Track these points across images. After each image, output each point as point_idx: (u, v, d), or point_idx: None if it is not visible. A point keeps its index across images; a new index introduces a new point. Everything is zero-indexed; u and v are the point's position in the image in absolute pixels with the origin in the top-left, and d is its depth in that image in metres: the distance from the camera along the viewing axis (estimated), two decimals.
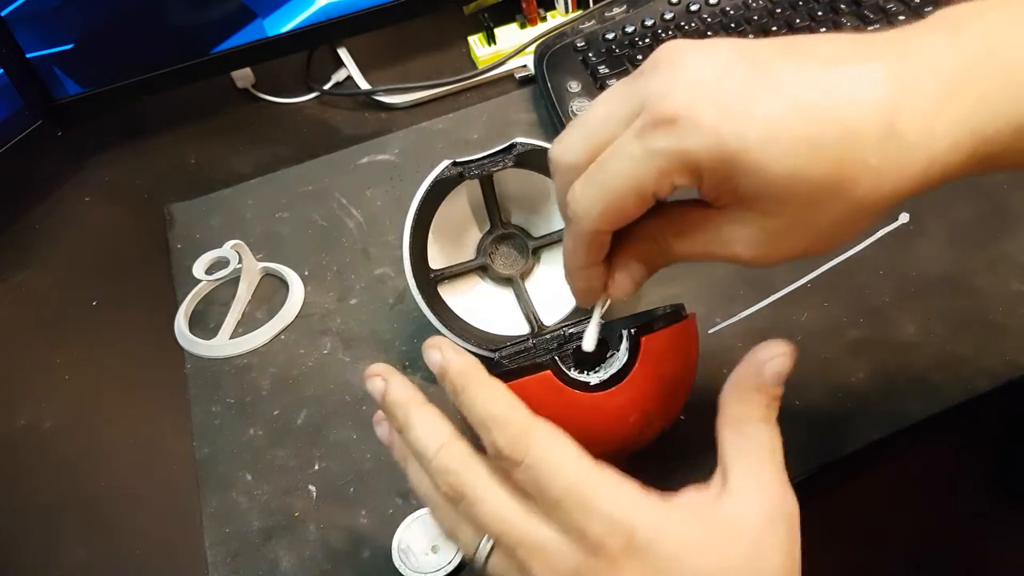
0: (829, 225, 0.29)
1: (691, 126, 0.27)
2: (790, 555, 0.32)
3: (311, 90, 0.78)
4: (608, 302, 0.37)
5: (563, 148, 0.32)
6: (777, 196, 0.28)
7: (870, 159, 0.27)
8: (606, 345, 0.39)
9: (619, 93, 0.30)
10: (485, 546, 0.33)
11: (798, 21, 0.66)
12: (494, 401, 0.32)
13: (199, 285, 0.60)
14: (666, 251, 0.33)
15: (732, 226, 0.30)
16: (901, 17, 0.64)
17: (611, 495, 0.31)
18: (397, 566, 0.44)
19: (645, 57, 0.66)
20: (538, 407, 0.35)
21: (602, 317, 0.37)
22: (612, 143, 0.30)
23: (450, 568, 0.43)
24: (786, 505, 0.32)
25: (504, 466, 0.32)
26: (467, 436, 0.34)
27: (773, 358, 0.33)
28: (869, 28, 0.64)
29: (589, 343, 0.37)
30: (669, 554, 0.30)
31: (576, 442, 0.32)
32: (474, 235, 0.54)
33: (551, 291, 0.52)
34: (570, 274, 0.35)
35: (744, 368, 0.34)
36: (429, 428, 0.34)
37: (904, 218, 0.57)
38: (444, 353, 0.34)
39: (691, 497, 0.32)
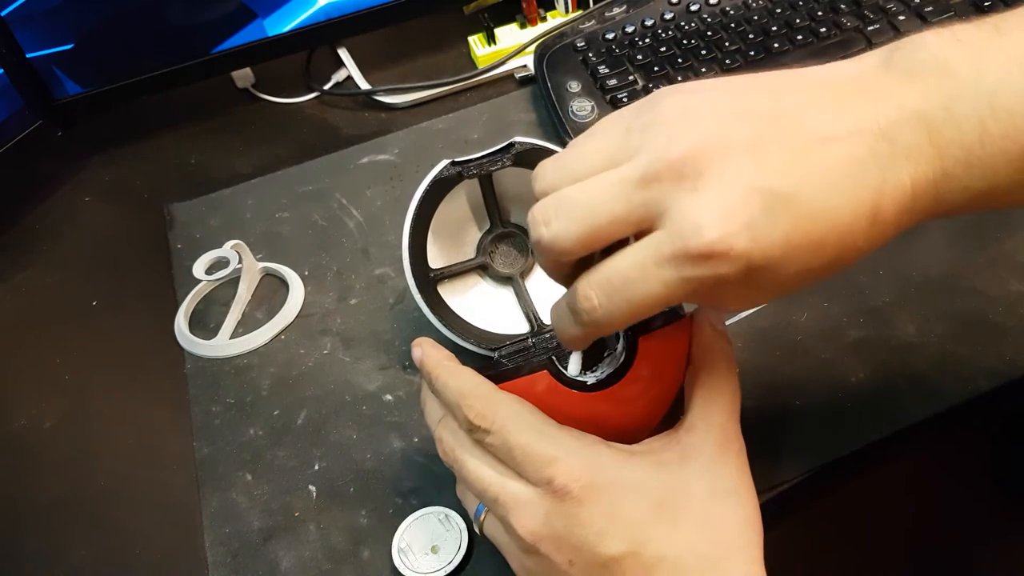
0: (812, 284, 0.32)
1: (729, 258, 0.29)
2: (743, 480, 0.36)
3: (311, 90, 0.78)
4: None
5: (555, 234, 0.32)
6: (782, 283, 0.31)
7: (859, 243, 0.31)
8: (603, 344, 0.39)
9: (627, 195, 0.31)
10: (481, 510, 0.38)
11: (798, 21, 0.66)
12: (462, 383, 0.37)
13: (199, 285, 0.60)
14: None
15: (730, 294, 0.32)
16: (901, 17, 0.64)
17: (571, 445, 0.35)
18: (397, 566, 0.44)
19: (644, 58, 0.67)
20: (536, 406, 0.36)
21: None
22: (614, 238, 0.32)
23: (450, 568, 0.43)
24: (735, 441, 0.37)
25: (477, 437, 0.36)
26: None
27: (710, 311, 0.39)
28: (869, 28, 0.64)
29: (574, 367, 0.40)
30: (630, 484, 0.34)
31: (539, 409, 0.36)
32: (474, 234, 0.54)
33: (551, 290, 0.52)
34: (570, 344, 0.36)
35: (698, 325, 0.39)
36: (431, 406, 0.40)
37: None
38: (423, 348, 0.40)
39: (650, 443, 0.37)
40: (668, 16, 0.69)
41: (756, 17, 0.67)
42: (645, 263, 0.30)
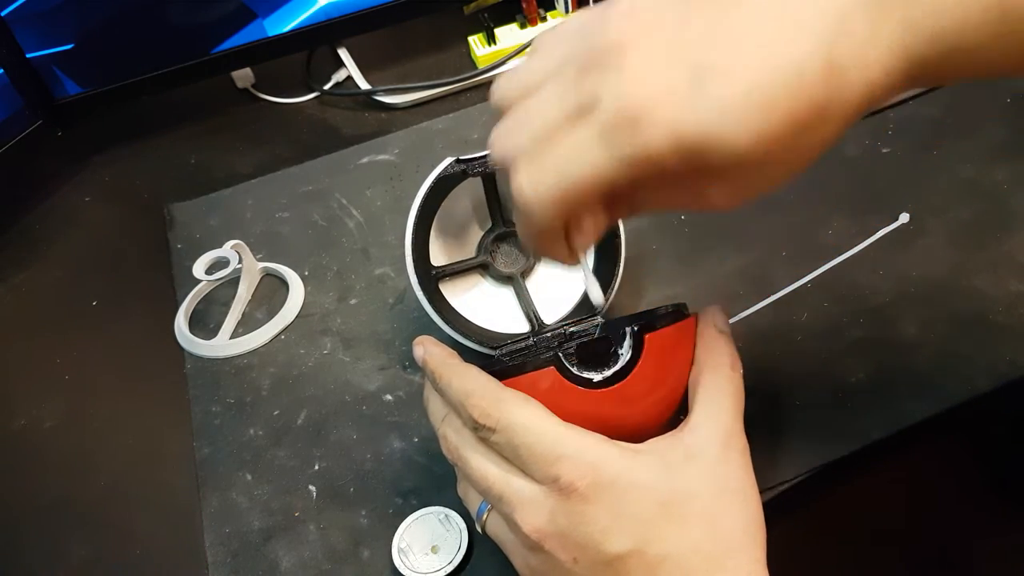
0: (792, 164, 0.30)
1: (650, 124, 0.28)
2: (747, 480, 0.36)
3: (311, 90, 0.78)
4: (591, 253, 0.37)
5: (502, 137, 0.32)
6: (740, 160, 0.29)
7: (816, 98, 0.28)
8: (609, 343, 0.39)
9: (566, 92, 0.30)
10: (484, 508, 0.38)
11: None
12: (467, 381, 0.37)
13: (199, 285, 0.60)
14: (631, 204, 0.33)
15: (704, 188, 0.31)
16: None
17: (577, 443, 0.35)
18: (397, 566, 0.44)
19: None
20: (541, 403, 0.36)
21: (603, 316, 0.37)
22: (557, 134, 0.30)
23: (450, 568, 0.43)
24: (739, 440, 0.37)
25: (482, 435, 0.36)
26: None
27: (716, 312, 0.40)
28: None
29: (596, 297, 0.39)
30: (635, 483, 0.34)
31: (543, 406, 0.36)
32: (475, 233, 0.54)
33: (551, 290, 0.52)
34: (540, 252, 0.35)
35: (702, 326, 0.40)
36: (435, 404, 0.40)
37: (904, 218, 0.57)
38: (426, 347, 0.39)
39: (655, 442, 0.37)
40: None
41: None
42: (578, 138, 0.29)
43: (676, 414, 0.40)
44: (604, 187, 0.30)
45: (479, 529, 0.39)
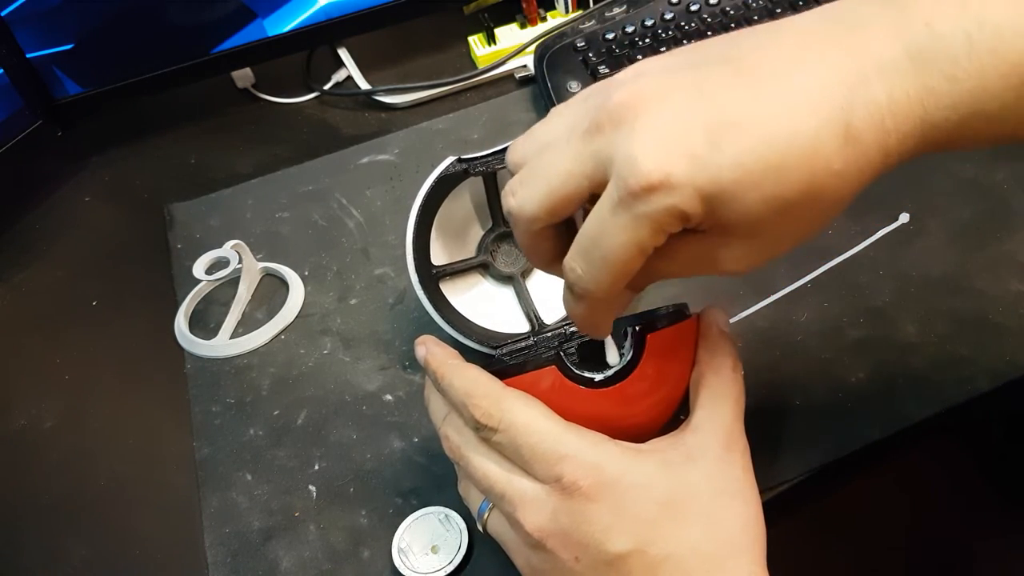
0: (805, 228, 0.31)
1: (670, 187, 0.28)
2: (747, 481, 0.36)
3: (311, 90, 0.78)
4: None
5: (520, 201, 0.32)
6: (756, 218, 0.29)
7: (833, 165, 0.28)
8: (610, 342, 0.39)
9: (577, 151, 0.31)
10: (485, 507, 0.38)
11: None
12: (468, 381, 0.37)
13: (199, 285, 0.60)
14: (652, 275, 0.34)
15: (716, 249, 0.32)
16: None
17: (579, 443, 0.35)
18: (397, 566, 0.44)
19: (644, 58, 0.66)
20: (542, 402, 0.36)
21: None
22: (575, 199, 0.31)
23: (450, 568, 0.43)
24: (740, 441, 0.37)
25: (484, 435, 0.36)
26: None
27: (717, 312, 0.40)
28: None
29: (612, 357, 0.39)
30: (637, 483, 0.34)
31: (545, 405, 0.36)
32: (476, 233, 0.54)
33: (552, 290, 0.52)
34: (584, 327, 0.36)
35: (704, 326, 0.40)
36: (436, 404, 0.40)
37: (904, 218, 0.57)
38: (427, 347, 0.40)
39: (656, 443, 0.37)
40: (668, 16, 0.69)
41: (756, 17, 0.67)
42: (602, 215, 0.30)
43: (677, 414, 0.40)
44: (639, 251, 0.30)
45: (480, 528, 0.39)
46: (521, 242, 0.35)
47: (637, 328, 0.38)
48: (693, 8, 0.69)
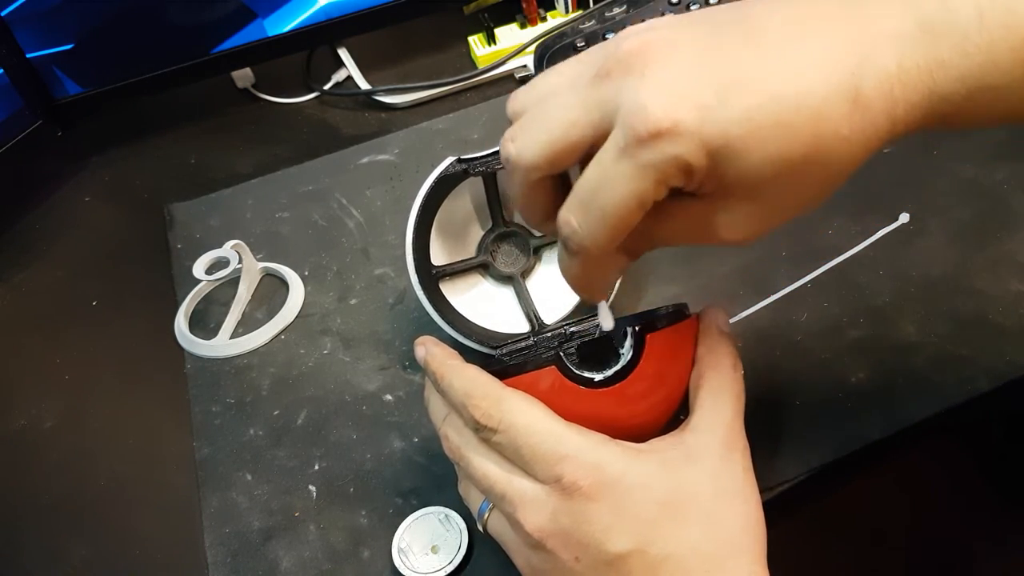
0: (807, 195, 0.31)
1: (677, 135, 0.28)
2: (747, 481, 0.36)
3: (311, 90, 0.78)
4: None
5: (520, 148, 0.32)
6: (760, 179, 0.29)
7: (841, 130, 0.28)
8: (610, 342, 0.39)
9: (583, 98, 0.30)
10: (485, 507, 0.38)
11: None
12: (468, 382, 0.37)
13: (199, 285, 0.60)
14: (650, 239, 0.34)
15: (716, 213, 0.31)
16: None
17: (579, 443, 0.35)
18: (397, 566, 0.44)
19: None
20: (542, 402, 0.36)
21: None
22: (578, 147, 0.31)
23: (450, 568, 0.43)
24: (740, 441, 0.37)
25: (484, 436, 0.36)
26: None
27: (717, 312, 0.40)
28: None
29: (607, 323, 0.38)
30: (637, 483, 0.34)
31: (545, 406, 0.36)
32: (476, 233, 0.54)
33: (552, 290, 0.52)
34: (578, 287, 0.35)
35: (704, 326, 0.40)
36: (436, 404, 0.40)
37: (904, 218, 0.57)
38: (427, 348, 0.39)
39: (656, 443, 0.37)
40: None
41: None
42: (604, 163, 0.29)
43: (677, 414, 0.40)
44: (639, 203, 0.30)
45: (480, 528, 0.39)
46: (516, 194, 0.34)
47: (637, 328, 0.38)
48: (693, 8, 0.69)
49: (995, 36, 0.28)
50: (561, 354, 0.38)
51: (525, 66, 0.73)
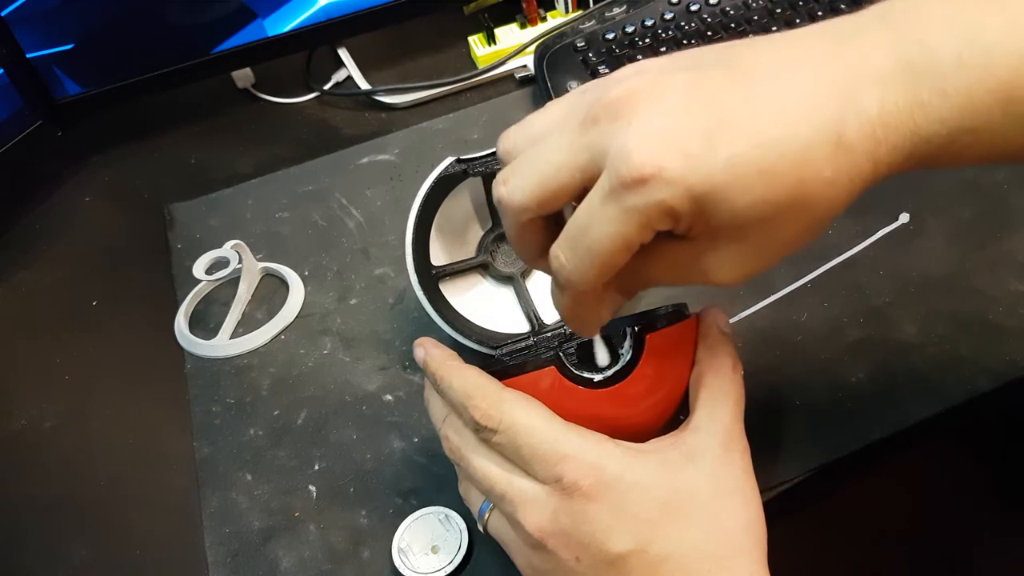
0: (794, 236, 0.31)
1: (661, 181, 0.28)
2: (747, 481, 0.36)
3: (311, 90, 0.78)
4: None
5: (511, 190, 0.32)
6: (745, 222, 0.30)
7: (824, 173, 0.29)
8: (610, 342, 0.39)
9: (571, 142, 0.31)
10: (486, 508, 0.38)
11: (798, 21, 0.66)
12: (467, 382, 0.37)
13: (199, 285, 0.60)
14: (640, 279, 0.34)
15: (704, 255, 0.32)
16: None
17: (579, 443, 0.35)
18: (397, 566, 0.44)
19: (644, 58, 0.66)
20: (541, 402, 0.36)
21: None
22: (567, 190, 0.31)
23: (450, 568, 0.43)
24: (740, 441, 0.37)
25: (484, 436, 0.36)
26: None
27: (716, 312, 0.40)
28: None
29: (603, 358, 0.38)
30: (638, 482, 0.34)
31: (545, 406, 0.36)
32: (476, 233, 0.54)
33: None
34: (569, 320, 0.36)
35: (703, 327, 0.40)
36: (436, 405, 0.40)
37: (904, 218, 0.57)
38: (426, 349, 0.40)
39: (656, 443, 0.37)
40: (668, 16, 0.69)
41: (756, 17, 0.67)
42: (592, 205, 0.30)
43: (676, 414, 0.40)
44: (625, 244, 0.30)
45: (481, 528, 0.39)
46: (509, 233, 0.35)
47: (636, 328, 0.38)
48: (693, 8, 0.69)
49: (972, 78, 0.28)
50: (561, 354, 0.38)
51: (525, 66, 0.73)
